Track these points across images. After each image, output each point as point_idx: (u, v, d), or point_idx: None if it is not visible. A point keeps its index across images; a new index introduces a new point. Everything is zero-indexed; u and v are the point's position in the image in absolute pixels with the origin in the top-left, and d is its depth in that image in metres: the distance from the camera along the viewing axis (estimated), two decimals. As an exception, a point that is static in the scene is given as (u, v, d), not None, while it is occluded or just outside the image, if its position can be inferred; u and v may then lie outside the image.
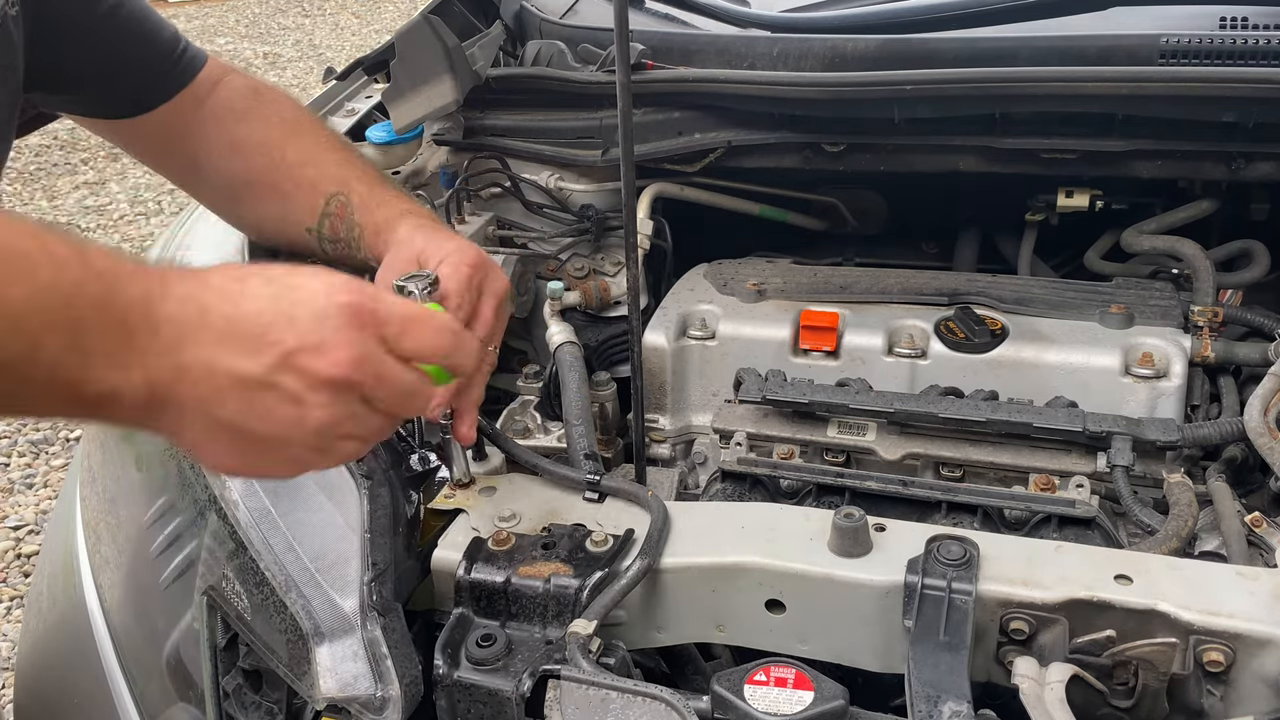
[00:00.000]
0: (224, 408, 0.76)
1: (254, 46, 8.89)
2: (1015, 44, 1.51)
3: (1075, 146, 1.51)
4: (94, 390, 0.72)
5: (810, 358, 1.46)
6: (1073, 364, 1.37)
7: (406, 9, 9.40)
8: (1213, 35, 1.43)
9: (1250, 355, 1.38)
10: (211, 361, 0.75)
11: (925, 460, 1.31)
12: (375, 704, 0.97)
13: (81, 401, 0.72)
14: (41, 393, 0.71)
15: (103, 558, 1.40)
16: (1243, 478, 1.31)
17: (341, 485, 1.10)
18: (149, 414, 0.75)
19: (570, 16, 1.90)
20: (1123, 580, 0.99)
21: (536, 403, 1.49)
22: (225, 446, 0.78)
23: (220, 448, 0.78)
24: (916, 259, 1.86)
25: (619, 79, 1.18)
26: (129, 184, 5.94)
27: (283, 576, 1.04)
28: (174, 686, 1.19)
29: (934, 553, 1.01)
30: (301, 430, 0.78)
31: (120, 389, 0.72)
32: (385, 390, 0.82)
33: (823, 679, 0.92)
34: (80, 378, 0.71)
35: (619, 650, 1.02)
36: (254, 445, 0.78)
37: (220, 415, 0.76)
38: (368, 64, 1.84)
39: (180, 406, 0.75)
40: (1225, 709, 0.97)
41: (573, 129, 1.68)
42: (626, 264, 1.29)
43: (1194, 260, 1.50)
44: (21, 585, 3.08)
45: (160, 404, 0.75)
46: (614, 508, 1.17)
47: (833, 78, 1.51)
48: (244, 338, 0.76)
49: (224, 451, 0.79)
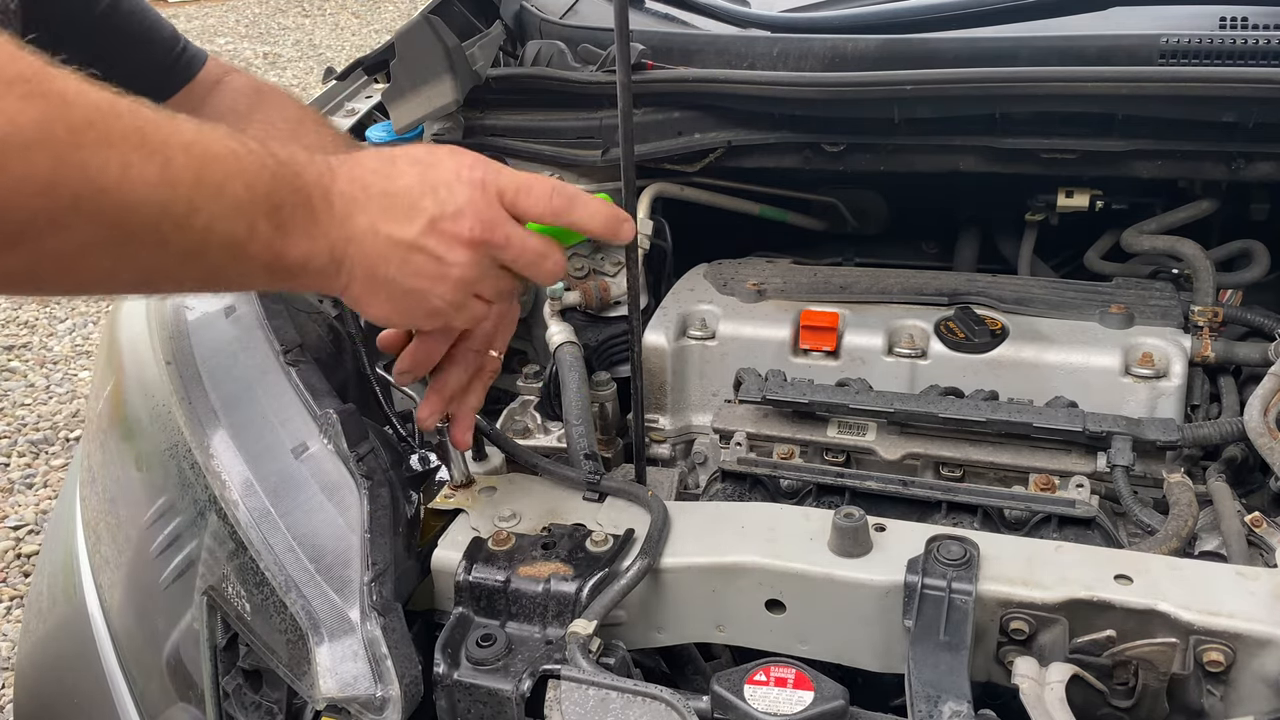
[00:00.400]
0: (385, 266, 0.90)
1: (254, 46, 8.89)
2: (1015, 44, 1.51)
3: (1075, 146, 1.51)
4: (292, 259, 0.85)
5: (810, 358, 1.46)
6: (1073, 364, 1.37)
7: (406, 9, 9.40)
8: (1213, 35, 1.43)
9: (1250, 355, 1.38)
10: (374, 228, 0.89)
11: (925, 460, 1.31)
12: (375, 704, 0.97)
13: (281, 270, 0.86)
14: (251, 267, 0.84)
15: (103, 558, 1.40)
16: (1243, 478, 1.31)
17: (341, 485, 1.11)
18: (328, 276, 0.89)
19: (570, 16, 1.90)
20: (1123, 580, 0.99)
21: (536, 403, 1.49)
22: (383, 299, 0.92)
23: (379, 300, 0.93)
24: (916, 259, 1.86)
25: (619, 79, 1.18)
26: (129, 184, 5.93)
27: (282, 577, 1.04)
28: (174, 686, 1.19)
29: (934, 553, 1.01)
30: (444, 285, 0.93)
31: (310, 256, 0.86)
32: (514, 251, 0.95)
33: (823, 679, 0.92)
34: (282, 250, 0.84)
35: (619, 650, 1.02)
36: (406, 297, 0.92)
37: (381, 273, 0.90)
38: (368, 64, 1.84)
39: (352, 267, 0.89)
40: (1225, 709, 0.97)
41: (573, 129, 1.68)
42: (626, 264, 1.29)
43: (1194, 260, 1.50)
44: (21, 585, 3.08)
45: (337, 266, 0.89)
46: (614, 508, 1.17)
47: (833, 78, 1.51)
48: (399, 209, 0.90)
49: (382, 302, 0.93)
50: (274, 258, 0.85)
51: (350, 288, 0.92)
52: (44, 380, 4.18)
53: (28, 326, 4.60)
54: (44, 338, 4.51)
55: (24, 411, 3.97)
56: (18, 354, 4.38)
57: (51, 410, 3.97)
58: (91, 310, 4.71)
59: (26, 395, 4.07)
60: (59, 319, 4.66)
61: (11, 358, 4.34)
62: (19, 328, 4.58)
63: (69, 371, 4.25)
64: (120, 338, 1.49)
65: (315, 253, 0.87)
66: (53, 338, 4.51)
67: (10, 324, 4.61)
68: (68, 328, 4.58)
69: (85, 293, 0.80)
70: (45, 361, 4.33)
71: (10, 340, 4.48)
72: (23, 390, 4.10)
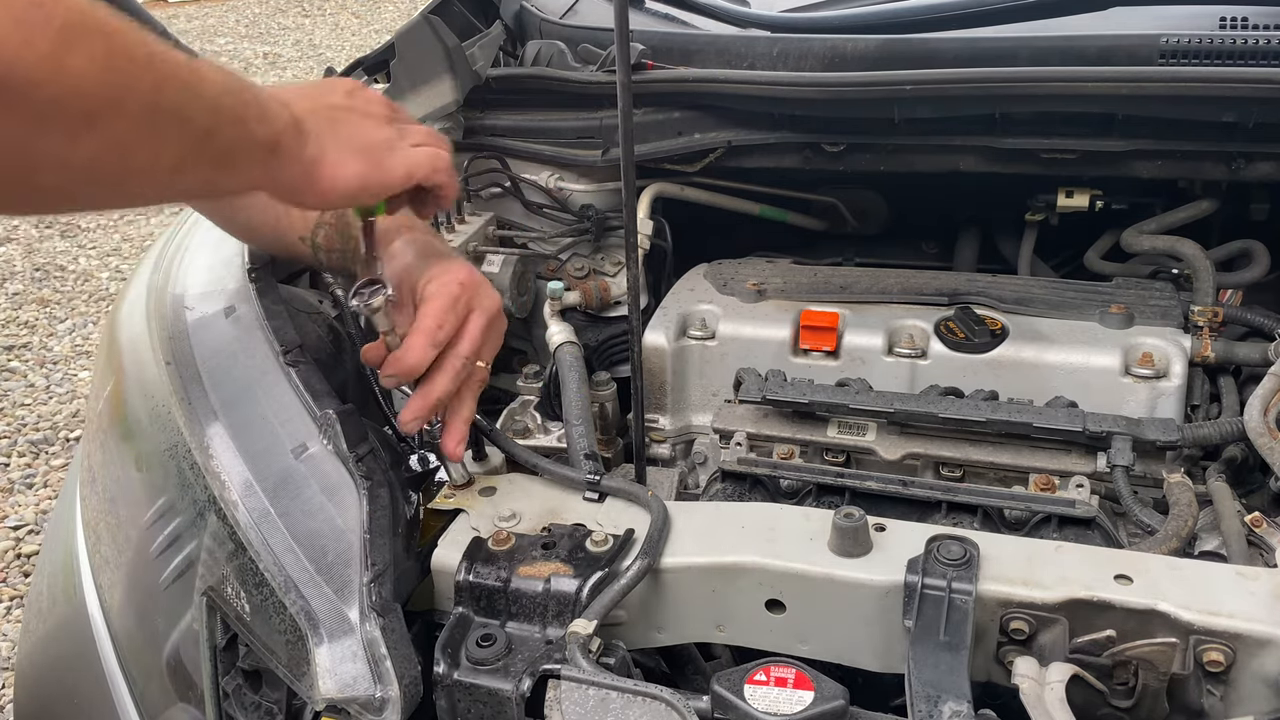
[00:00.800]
0: (338, 125, 1.04)
1: (254, 46, 8.89)
2: (1015, 44, 1.51)
3: (1075, 146, 1.51)
4: (265, 134, 0.95)
5: (810, 358, 1.46)
6: (1073, 364, 1.37)
7: (406, 9, 9.40)
8: (1213, 35, 1.43)
9: (1250, 355, 1.38)
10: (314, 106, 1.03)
11: (925, 460, 1.31)
12: (374, 705, 0.97)
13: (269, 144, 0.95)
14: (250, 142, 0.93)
15: (103, 558, 1.40)
16: (1243, 478, 1.31)
17: (341, 486, 1.11)
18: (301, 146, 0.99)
19: (570, 16, 1.90)
20: (1123, 580, 0.99)
21: (536, 403, 1.49)
22: (352, 152, 1.03)
23: (351, 155, 1.03)
24: (916, 259, 1.86)
25: (619, 79, 1.18)
26: (129, 184, 5.93)
27: (282, 577, 1.04)
28: (174, 687, 1.19)
29: (934, 553, 1.01)
30: (385, 131, 1.07)
31: (281, 131, 0.97)
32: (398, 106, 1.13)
33: (823, 679, 0.92)
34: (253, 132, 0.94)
35: (619, 650, 1.01)
36: (367, 147, 1.04)
37: (342, 131, 1.03)
38: (368, 64, 1.84)
39: (319, 134, 1.01)
40: (1225, 709, 0.97)
41: (573, 129, 1.68)
42: (626, 264, 1.29)
43: (1194, 260, 1.50)
44: (21, 585, 3.08)
45: (304, 136, 0.99)
46: (614, 508, 1.17)
47: (833, 78, 1.51)
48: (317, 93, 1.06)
49: (353, 156, 1.03)
50: (264, 131, 0.95)
51: (325, 154, 1.01)
52: (44, 380, 4.18)
53: (28, 326, 4.60)
54: (44, 338, 4.51)
55: (24, 411, 3.97)
56: (18, 354, 4.38)
57: (51, 410, 3.97)
58: (91, 310, 4.72)
59: (26, 395, 4.07)
60: (59, 319, 4.66)
61: (11, 358, 4.34)
62: (19, 328, 4.58)
63: (69, 371, 4.25)
64: (120, 338, 1.49)
65: (284, 125, 0.97)
66: (53, 338, 4.51)
67: (10, 324, 4.61)
68: (68, 328, 4.58)
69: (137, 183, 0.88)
70: (45, 361, 4.33)
71: (10, 340, 4.48)
72: (23, 390, 4.10)
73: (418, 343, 1.10)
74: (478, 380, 1.17)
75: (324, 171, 1.01)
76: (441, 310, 1.11)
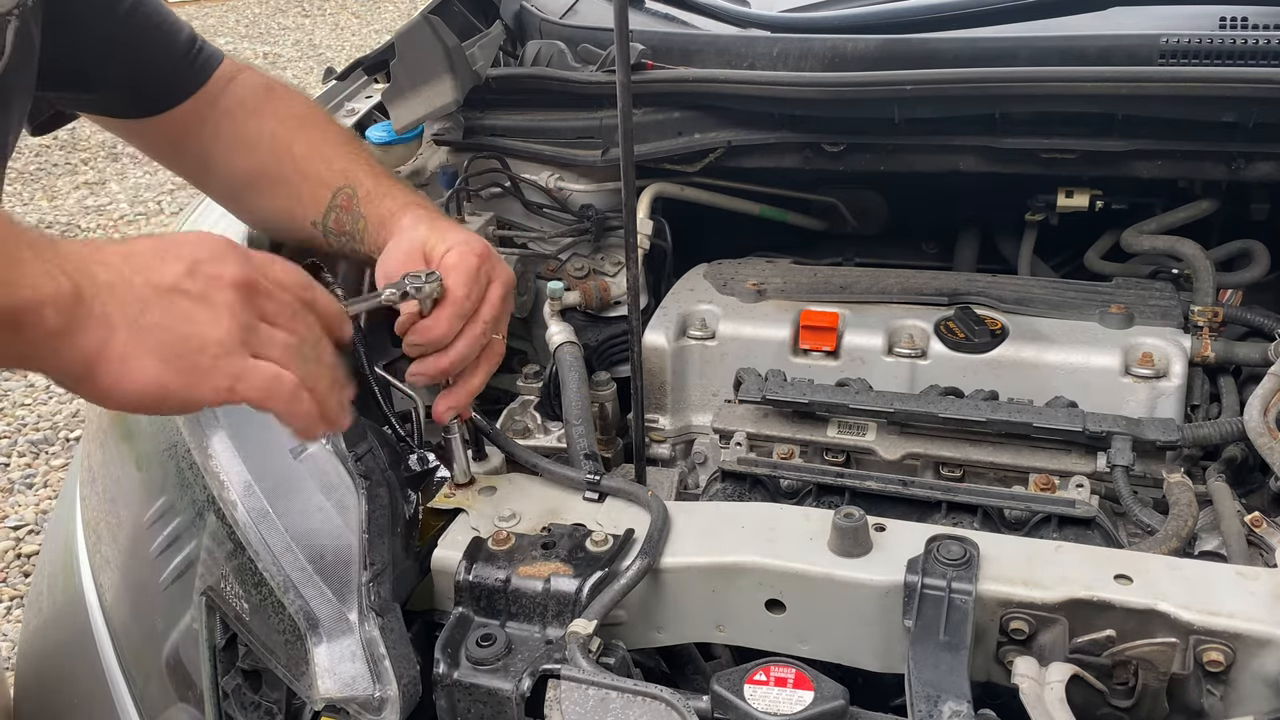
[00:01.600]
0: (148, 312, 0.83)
1: (254, 46, 8.89)
2: (1015, 44, 1.51)
3: (1075, 146, 1.51)
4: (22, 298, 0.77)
5: (810, 358, 1.46)
6: (1073, 364, 1.37)
7: (406, 9, 9.40)
8: (1213, 35, 1.43)
9: (1250, 355, 1.38)
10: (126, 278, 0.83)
11: (925, 460, 1.31)
12: (373, 704, 0.97)
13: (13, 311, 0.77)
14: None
15: (103, 558, 1.40)
16: (1243, 478, 1.30)
17: (340, 485, 1.10)
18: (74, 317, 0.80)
19: (570, 16, 1.90)
20: (1123, 580, 0.99)
21: (536, 403, 1.49)
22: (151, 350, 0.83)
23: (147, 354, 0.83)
24: (916, 259, 1.86)
25: (619, 79, 1.18)
26: (129, 184, 5.94)
27: (281, 577, 1.04)
28: (173, 686, 1.19)
29: (934, 553, 1.01)
30: (217, 330, 0.84)
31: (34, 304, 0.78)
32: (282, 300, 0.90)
33: (823, 679, 0.92)
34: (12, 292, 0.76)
35: (619, 650, 1.02)
36: (177, 347, 0.83)
37: (147, 319, 0.83)
38: (368, 64, 1.84)
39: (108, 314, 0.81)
40: (1225, 709, 0.97)
41: (573, 129, 1.68)
42: (626, 264, 1.29)
43: (1194, 260, 1.50)
44: (21, 585, 3.08)
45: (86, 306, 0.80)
46: (614, 508, 1.17)
47: (833, 78, 1.51)
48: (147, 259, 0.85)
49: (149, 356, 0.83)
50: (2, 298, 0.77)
51: (111, 346, 0.81)
52: (44, 380, 4.18)
53: (28, 327, 4.60)
54: (44, 338, 4.51)
55: (24, 411, 3.97)
56: (18, 354, 4.38)
57: (51, 410, 3.97)
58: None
59: (26, 395, 4.07)
60: (59, 319, 4.66)
61: (11, 358, 4.35)
62: (19, 328, 4.59)
63: (69, 371, 4.25)
64: (120, 338, 1.49)
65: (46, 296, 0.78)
66: (53, 338, 4.51)
67: (10, 324, 4.61)
68: (68, 328, 4.58)
69: None
70: (45, 362, 4.33)
71: (10, 340, 4.48)
72: (23, 390, 4.10)
73: (446, 313, 1.10)
74: (495, 353, 1.18)
75: (107, 368, 0.81)
76: (468, 280, 1.11)
